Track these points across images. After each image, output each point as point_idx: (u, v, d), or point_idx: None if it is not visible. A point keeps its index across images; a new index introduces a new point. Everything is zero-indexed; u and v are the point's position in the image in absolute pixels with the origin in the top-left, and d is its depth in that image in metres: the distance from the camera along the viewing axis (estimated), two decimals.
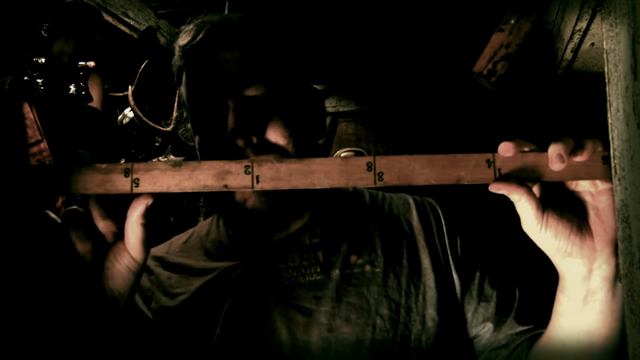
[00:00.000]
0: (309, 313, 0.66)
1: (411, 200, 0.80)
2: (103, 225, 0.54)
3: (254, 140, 0.65)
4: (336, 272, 0.69)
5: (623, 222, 0.44)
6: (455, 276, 0.71)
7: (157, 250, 0.81)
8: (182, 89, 0.74)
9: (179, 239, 0.83)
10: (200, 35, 0.69)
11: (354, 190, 0.83)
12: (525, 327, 0.67)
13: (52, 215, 0.57)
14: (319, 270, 0.69)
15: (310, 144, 0.74)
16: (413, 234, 0.74)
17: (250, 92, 0.66)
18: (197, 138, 0.72)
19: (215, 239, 0.79)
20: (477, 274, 0.72)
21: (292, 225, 0.74)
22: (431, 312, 0.67)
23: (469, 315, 0.71)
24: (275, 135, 0.67)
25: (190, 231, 0.85)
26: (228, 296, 0.69)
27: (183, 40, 0.71)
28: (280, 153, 0.67)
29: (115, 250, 0.55)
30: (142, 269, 0.57)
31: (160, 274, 0.76)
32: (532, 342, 0.64)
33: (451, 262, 0.72)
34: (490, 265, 0.73)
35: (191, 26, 0.72)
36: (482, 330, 0.70)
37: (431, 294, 0.68)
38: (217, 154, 0.67)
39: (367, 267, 0.69)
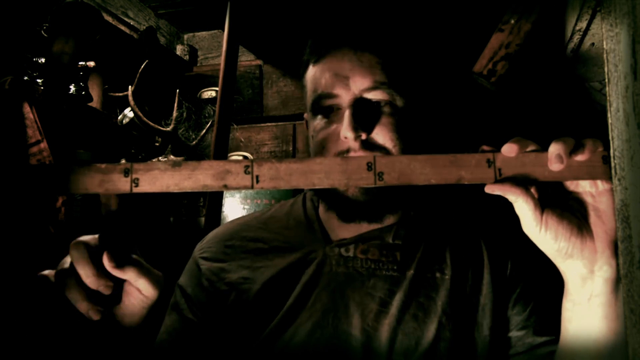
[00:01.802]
0: (382, 303, 0.70)
1: (475, 219, 0.85)
2: (92, 282, 0.54)
3: (363, 136, 0.70)
4: (411, 272, 0.73)
5: (623, 222, 0.44)
6: (502, 293, 0.75)
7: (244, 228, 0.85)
8: (308, 79, 0.79)
9: (251, 217, 0.88)
10: (330, 37, 0.75)
11: None
12: (543, 339, 0.70)
13: (50, 278, 0.56)
14: (395, 267, 0.74)
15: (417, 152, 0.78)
16: (478, 250, 0.78)
17: (370, 95, 0.72)
18: (313, 126, 0.77)
19: (299, 217, 0.84)
20: (518, 290, 0.75)
21: (385, 221, 0.78)
22: (488, 322, 0.71)
23: (507, 312, 0.75)
24: (383, 137, 0.72)
25: (264, 209, 0.90)
26: (305, 274, 0.73)
27: (315, 37, 0.78)
28: (385, 154, 0.71)
29: (126, 292, 0.57)
30: (158, 302, 0.59)
31: (237, 257, 0.79)
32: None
33: (500, 281, 0.76)
34: (529, 284, 0.77)
35: (322, 27, 0.79)
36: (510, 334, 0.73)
37: (489, 306, 0.72)
38: (330, 140, 0.73)
39: (437, 274, 0.74)
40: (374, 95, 0.72)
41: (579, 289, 0.52)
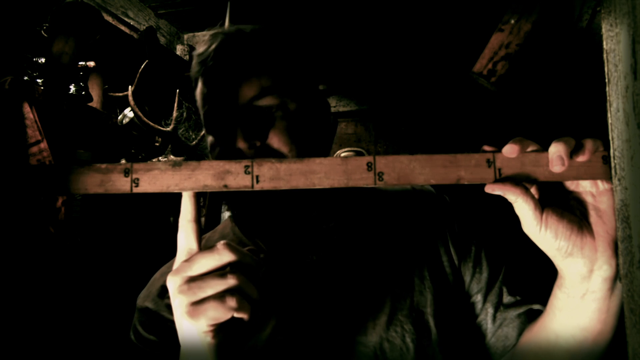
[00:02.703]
0: (334, 288, 0.70)
1: (411, 188, 0.85)
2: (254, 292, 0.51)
3: (257, 144, 0.69)
4: (351, 255, 0.73)
5: (623, 222, 0.44)
6: (453, 254, 0.75)
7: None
8: (197, 93, 0.77)
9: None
10: (214, 45, 0.72)
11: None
12: (513, 299, 0.72)
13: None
14: (336, 256, 0.73)
15: (314, 152, 0.77)
16: (416, 221, 0.78)
17: (258, 103, 0.70)
18: (209, 140, 0.75)
19: (233, 239, 0.80)
20: (472, 249, 0.76)
21: (300, 214, 0.75)
22: (433, 291, 0.72)
23: (466, 280, 0.75)
24: (278, 142, 0.70)
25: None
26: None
27: (199, 48, 0.75)
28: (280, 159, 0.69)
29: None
30: None
31: None
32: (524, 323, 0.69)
33: (449, 240, 0.77)
34: (483, 242, 0.78)
35: (207, 36, 0.75)
36: (482, 317, 0.73)
37: (435, 275, 0.73)
38: (226, 155, 0.71)
39: (380, 245, 0.74)
40: (264, 102, 0.70)
41: (576, 285, 0.53)
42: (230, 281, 0.48)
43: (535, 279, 0.78)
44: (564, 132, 0.54)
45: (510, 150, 0.50)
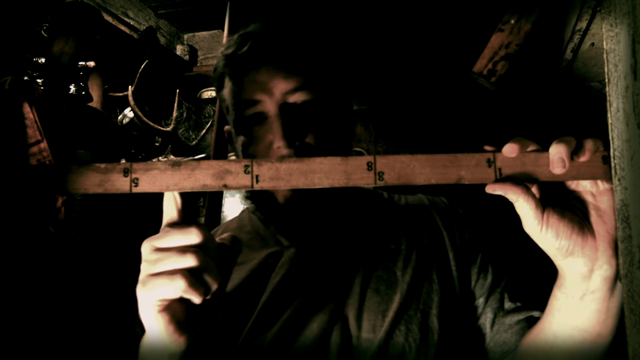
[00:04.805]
0: (344, 285, 0.72)
1: (425, 199, 0.88)
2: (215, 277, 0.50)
3: (297, 143, 0.69)
4: (365, 253, 0.75)
5: (623, 222, 0.44)
6: (462, 259, 0.77)
7: None
8: (225, 93, 0.78)
9: None
10: (246, 48, 0.72)
11: (374, 189, 0.90)
12: (513, 305, 0.73)
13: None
14: (350, 253, 0.75)
15: (345, 146, 0.80)
16: (428, 227, 0.81)
17: (294, 98, 0.70)
18: (240, 139, 0.75)
19: (250, 230, 0.83)
20: (479, 256, 0.78)
21: (321, 221, 0.77)
22: (440, 293, 0.73)
23: (471, 285, 0.77)
24: (316, 140, 0.71)
25: (214, 230, 0.89)
26: (272, 277, 0.73)
27: (228, 49, 0.75)
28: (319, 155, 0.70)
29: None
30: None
31: None
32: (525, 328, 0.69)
33: (459, 245, 0.79)
34: (490, 251, 0.80)
35: (236, 36, 0.75)
36: (482, 321, 0.75)
37: (446, 279, 0.74)
38: (262, 153, 0.71)
39: (393, 245, 0.76)
40: (299, 97, 0.70)
41: (576, 285, 0.52)
42: (188, 261, 0.47)
43: (537, 288, 0.79)
44: (564, 132, 0.54)
45: (510, 149, 0.50)
